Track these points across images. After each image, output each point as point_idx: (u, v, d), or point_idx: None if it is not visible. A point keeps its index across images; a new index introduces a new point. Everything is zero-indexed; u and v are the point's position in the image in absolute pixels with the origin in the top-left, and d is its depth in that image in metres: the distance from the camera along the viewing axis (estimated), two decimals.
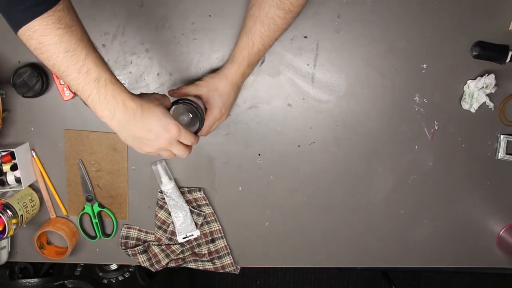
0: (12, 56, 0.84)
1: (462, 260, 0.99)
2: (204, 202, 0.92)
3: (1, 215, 0.81)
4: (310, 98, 0.87)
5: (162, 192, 0.90)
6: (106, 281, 1.20)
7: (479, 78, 0.84)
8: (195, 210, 0.92)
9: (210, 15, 0.82)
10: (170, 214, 0.91)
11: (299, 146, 0.90)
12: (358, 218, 0.94)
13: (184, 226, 0.91)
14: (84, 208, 0.92)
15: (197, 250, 0.95)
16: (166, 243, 0.94)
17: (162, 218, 0.92)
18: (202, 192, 0.91)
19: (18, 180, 0.87)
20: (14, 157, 0.84)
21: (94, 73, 0.56)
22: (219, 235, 0.94)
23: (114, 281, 1.20)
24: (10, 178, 0.87)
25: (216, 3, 0.82)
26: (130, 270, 1.23)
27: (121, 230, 0.94)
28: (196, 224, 0.92)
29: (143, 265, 0.96)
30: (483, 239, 0.97)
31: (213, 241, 0.95)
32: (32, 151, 0.89)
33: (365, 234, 0.96)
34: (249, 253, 0.97)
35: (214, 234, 0.94)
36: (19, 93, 0.82)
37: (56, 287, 1.11)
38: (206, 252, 0.95)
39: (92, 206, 0.92)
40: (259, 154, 0.90)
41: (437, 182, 0.92)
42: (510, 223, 0.95)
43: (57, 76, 0.84)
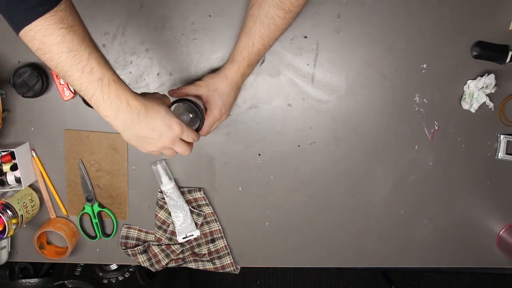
0: (12, 56, 0.84)
1: (462, 260, 0.99)
2: (204, 202, 0.92)
3: (1, 215, 0.81)
4: (310, 98, 0.87)
5: (162, 192, 0.90)
6: (106, 281, 1.20)
7: (479, 78, 0.84)
8: (195, 210, 0.92)
9: (210, 15, 0.82)
10: (170, 214, 0.91)
11: (299, 146, 0.90)
12: (358, 218, 0.94)
13: (184, 226, 0.91)
14: (84, 208, 0.92)
15: (197, 250, 0.95)
16: (166, 243, 0.94)
17: (162, 218, 0.92)
18: (202, 192, 0.91)
19: (18, 180, 0.87)
20: (14, 157, 0.85)
21: (97, 72, 0.56)
22: (219, 235, 0.94)
23: (114, 281, 1.20)
24: (10, 178, 0.87)
25: (216, 3, 0.82)
26: (130, 270, 1.23)
27: (121, 230, 0.94)
28: (196, 224, 0.92)
29: (143, 265, 0.96)
30: (483, 239, 0.96)
31: (213, 241, 0.95)
32: (32, 151, 0.89)
33: (365, 234, 0.96)
34: (249, 253, 0.97)
35: (214, 234, 0.94)
36: (19, 93, 0.82)
37: (56, 287, 1.11)
38: (206, 252, 0.95)
39: (92, 206, 0.92)
40: (259, 154, 0.90)
41: (437, 182, 0.92)
42: (510, 223, 0.95)
43: (57, 76, 0.84)
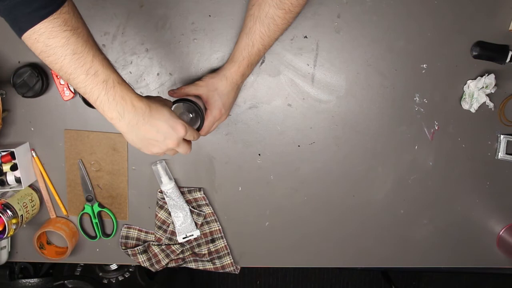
0: (12, 56, 0.84)
1: (462, 260, 0.99)
2: (204, 202, 0.92)
3: (1, 215, 0.81)
4: (310, 98, 0.87)
5: (162, 192, 0.90)
6: (106, 281, 1.20)
7: (479, 78, 0.84)
8: (195, 210, 0.92)
9: (210, 15, 0.82)
10: (170, 214, 0.91)
11: (299, 146, 0.90)
12: (358, 218, 0.94)
13: (184, 226, 0.91)
14: (84, 208, 0.92)
15: (197, 250, 0.95)
16: (166, 243, 0.94)
17: (162, 218, 0.92)
18: (202, 192, 0.91)
19: (18, 180, 0.87)
20: (14, 157, 0.85)
21: (102, 74, 0.55)
22: (219, 235, 0.94)
23: (114, 281, 1.20)
24: (10, 178, 0.87)
25: (216, 3, 0.82)
26: (130, 270, 1.23)
27: (121, 230, 0.94)
28: (196, 224, 0.92)
29: (143, 265, 0.96)
30: (483, 239, 0.96)
31: (213, 241, 0.95)
32: (32, 151, 0.89)
33: (365, 234, 0.96)
34: (249, 253, 0.97)
35: (214, 234, 0.94)
36: (19, 93, 0.82)
37: (56, 287, 1.11)
38: (206, 252, 0.95)
39: (92, 206, 0.92)
40: (259, 154, 0.90)
41: (437, 182, 0.92)
42: (510, 223, 0.95)
43: (57, 75, 0.84)
